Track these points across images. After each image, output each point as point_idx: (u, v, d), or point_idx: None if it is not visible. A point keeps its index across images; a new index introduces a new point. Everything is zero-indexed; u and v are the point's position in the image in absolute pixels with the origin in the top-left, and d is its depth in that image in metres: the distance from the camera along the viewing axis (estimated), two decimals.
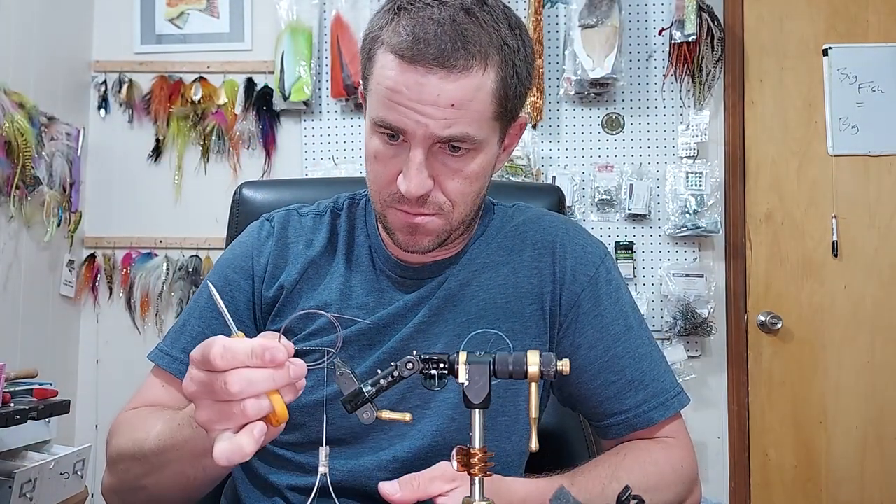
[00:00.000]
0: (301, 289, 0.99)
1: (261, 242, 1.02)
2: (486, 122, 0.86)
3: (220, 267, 1.03)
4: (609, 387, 0.96)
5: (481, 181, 0.91)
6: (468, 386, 0.69)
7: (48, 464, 1.68)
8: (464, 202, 0.90)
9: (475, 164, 0.88)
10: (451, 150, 0.87)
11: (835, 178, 2.48)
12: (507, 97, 0.87)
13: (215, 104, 2.56)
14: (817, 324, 2.47)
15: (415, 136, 0.84)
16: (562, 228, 1.02)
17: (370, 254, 1.01)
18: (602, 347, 0.96)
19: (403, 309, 0.97)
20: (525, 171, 2.42)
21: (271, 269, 1.00)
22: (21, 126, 2.07)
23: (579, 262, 0.98)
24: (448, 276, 0.98)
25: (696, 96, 2.47)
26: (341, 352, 0.94)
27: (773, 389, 2.48)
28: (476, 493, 0.68)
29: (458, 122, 0.84)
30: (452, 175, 0.88)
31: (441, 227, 0.91)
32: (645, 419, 0.95)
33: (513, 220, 1.03)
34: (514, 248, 1.00)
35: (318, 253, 1.01)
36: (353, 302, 0.98)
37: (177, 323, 1.01)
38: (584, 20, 2.40)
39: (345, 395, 0.73)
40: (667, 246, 2.48)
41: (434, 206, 0.89)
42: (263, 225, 1.04)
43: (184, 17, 2.60)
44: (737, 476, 2.46)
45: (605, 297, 0.98)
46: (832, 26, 2.51)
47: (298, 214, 1.04)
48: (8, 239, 2.15)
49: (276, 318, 0.98)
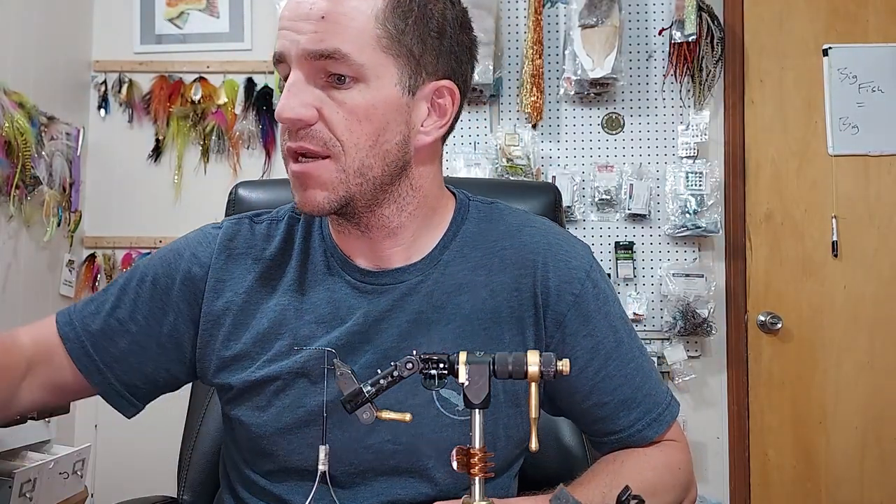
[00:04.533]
0: (250, 307, 0.92)
1: (205, 253, 0.94)
2: (367, 47, 0.81)
3: (154, 263, 0.95)
4: (602, 407, 0.92)
5: (374, 123, 0.83)
6: (468, 386, 0.69)
7: (48, 464, 1.68)
8: (354, 144, 0.82)
9: (361, 97, 0.82)
10: (336, 82, 0.81)
11: (835, 178, 2.48)
12: (402, 29, 0.82)
13: (215, 104, 2.55)
14: (817, 324, 2.47)
15: (292, 57, 0.82)
16: (542, 243, 0.93)
17: (325, 258, 0.93)
18: (593, 369, 0.91)
19: (364, 325, 0.89)
20: (525, 171, 2.42)
21: (212, 283, 0.92)
22: (21, 126, 2.07)
23: (563, 280, 0.91)
24: (415, 289, 0.90)
25: (696, 96, 2.47)
26: (301, 379, 0.89)
27: (772, 389, 2.48)
28: (476, 493, 0.68)
29: (329, 35, 0.80)
30: (337, 107, 0.82)
31: (334, 177, 0.83)
32: (639, 438, 0.93)
33: (490, 226, 0.95)
34: (493, 268, 0.92)
35: (267, 266, 0.93)
36: (309, 317, 0.90)
37: (98, 295, 0.96)
38: (584, 20, 2.40)
39: (345, 395, 0.73)
40: (667, 246, 2.47)
41: (319, 142, 0.82)
42: (209, 233, 0.96)
43: (184, 17, 2.59)
44: (736, 476, 2.46)
45: (593, 313, 0.92)
46: (832, 26, 2.51)
47: (252, 222, 0.97)
48: (8, 239, 2.15)
49: (229, 342, 0.91)
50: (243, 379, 0.90)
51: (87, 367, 0.92)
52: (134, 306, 0.93)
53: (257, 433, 0.90)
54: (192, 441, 1.20)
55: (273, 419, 0.89)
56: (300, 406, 0.88)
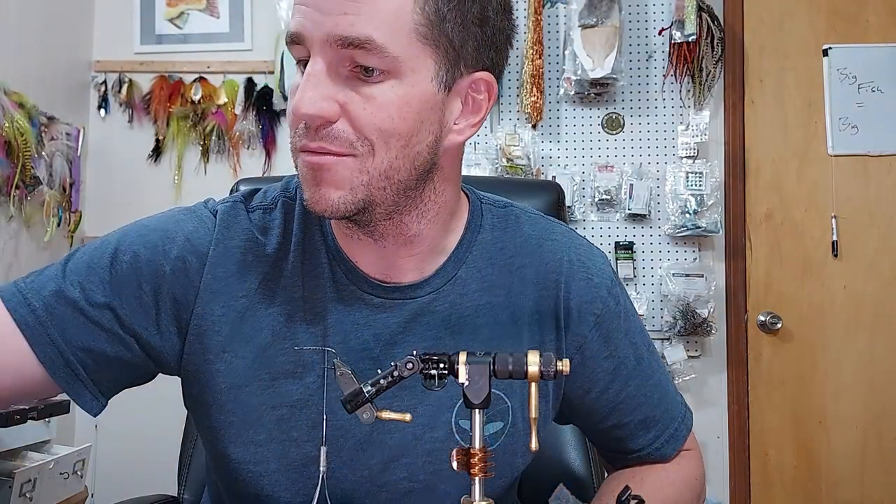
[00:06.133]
0: (249, 315, 0.81)
1: (200, 243, 0.82)
2: (405, 37, 0.69)
3: (132, 241, 0.85)
4: (621, 428, 0.91)
5: (408, 123, 0.72)
6: (468, 386, 0.68)
7: (48, 464, 1.68)
8: (384, 143, 0.71)
9: (393, 92, 0.70)
10: (364, 74, 0.70)
11: (835, 178, 2.48)
12: (443, 15, 0.71)
13: (215, 104, 2.56)
14: (817, 324, 2.47)
15: (312, 41, 0.70)
16: (564, 261, 0.87)
17: (329, 263, 0.83)
18: (614, 390, 0.89)
19: (374, 350, 0.81)
20: (525, 171, 2.42)
21: (208, 281, 0.80)
22: (21, 126, 2.07)
23: (584, 301, 0.86)
24: (429, 307, 0.83)
25: (696, 96, 2.47)
26: (298, 419, 0.81)
27: (773, 389, 2.48)
28: (476, 493, 0.68)
29: (361, 20, 0.68)
30: (364, 103, 0.70)
31: (354, 177, 0.72)
32: (658, 455, 0.92)
33: (506, 235, 0.88)
34: (513, 289, 0.85)
35: (267, 266, 0.82)
36: (315, 330, 0.81)
37: (48, 269, 0.84)
38: (584, 20, 2.40)
39: (345, 395, 0.73)
40: (667, 246, 2.47)
41: (343, 143, 0.71)
42: (203, 216, 0.84)
43: (184, 17, 2.60)
44: (737, 476, 2.46)
45: (614, 333, 0.88)
46: (832, 26, 2.51)
47: (246, 210, 0.85)
48: (8, 239, 2.15)
49: (224, 355, 0.81)
50: (244, 402, 0.80)
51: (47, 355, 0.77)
52: (104, 289, 0.80)
53: (254, 471, 0.82)
54: (192, 441, 1.20)
55: (274, 455, 0.81)
56: (307, 440, 0.81)
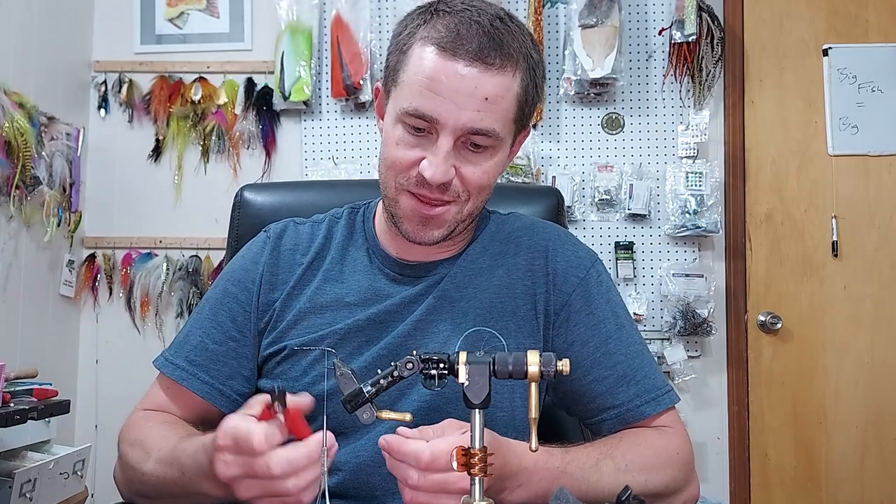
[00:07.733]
0: (296, 292, 1.04)
1: (257, 254, 1.07)
2: (508, 123, 0.93)
3: (220, 279, 1.09)
4: (602, 381, 0.99)
5: (494, 180, 0.98)
6: (468, 386, 0.69)
7: (48, 464, 1.68)
8: (479, 194, 0.96)
9: (493, 161, 0.95)
10: (472, 147, 0.93)
11: (835, 178, 2.48)
12: (526, 103, 0.95)
13: (215, 104, 2.55)
14: (817, 324, 2.47)
15: (446, 125, 0.90)
16: (554, 234, 1.08)
17: (367, 255, 1.06)
18: (594, 344, 1.00)
19: (399, 305, 1.01)
20: (525, 171, 2.42)
21: (267, 277, 1.05)
22: (21, 126, 2.07)
23: (570, 265, 1.04)
24: (445, 276, 1.03)
25: (695, 96, 2.47)
26: (339, 348, 0.98)
27: (773, 389, 2.48)
28: (476, 493, 0.68)
29: (489, 116, 0.90)
30: (473, 168, 0.94)
31: (453, 217, 0.97)
32: (637, 413, 0.98)
33: (508, 226, 1.09)
34: (509, 252, 1.05)
35: (313, 257, 1.06)
36: (350, 299, 1.02)
37: (181, 332, 1.07)
38: (584, 20, 2.40)
39: (345, 394, 0.73)
40: (667, 246, 2.47)
41: (453, 194, 0.94)
42: (260, 237, 1.10)
43: (184, 17, 2.60)
44: (737, 476, 2.46)
45: (595, 296, 1.03)
46: (832, 26, 2.51)
47: (295, 224, 1.10)
48: (8, 239, 2.15)
49: (276, 322, 1.03)
50: (284, 344, 1.01)
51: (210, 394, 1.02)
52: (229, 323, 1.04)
53: None
54: None
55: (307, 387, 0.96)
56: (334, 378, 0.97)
